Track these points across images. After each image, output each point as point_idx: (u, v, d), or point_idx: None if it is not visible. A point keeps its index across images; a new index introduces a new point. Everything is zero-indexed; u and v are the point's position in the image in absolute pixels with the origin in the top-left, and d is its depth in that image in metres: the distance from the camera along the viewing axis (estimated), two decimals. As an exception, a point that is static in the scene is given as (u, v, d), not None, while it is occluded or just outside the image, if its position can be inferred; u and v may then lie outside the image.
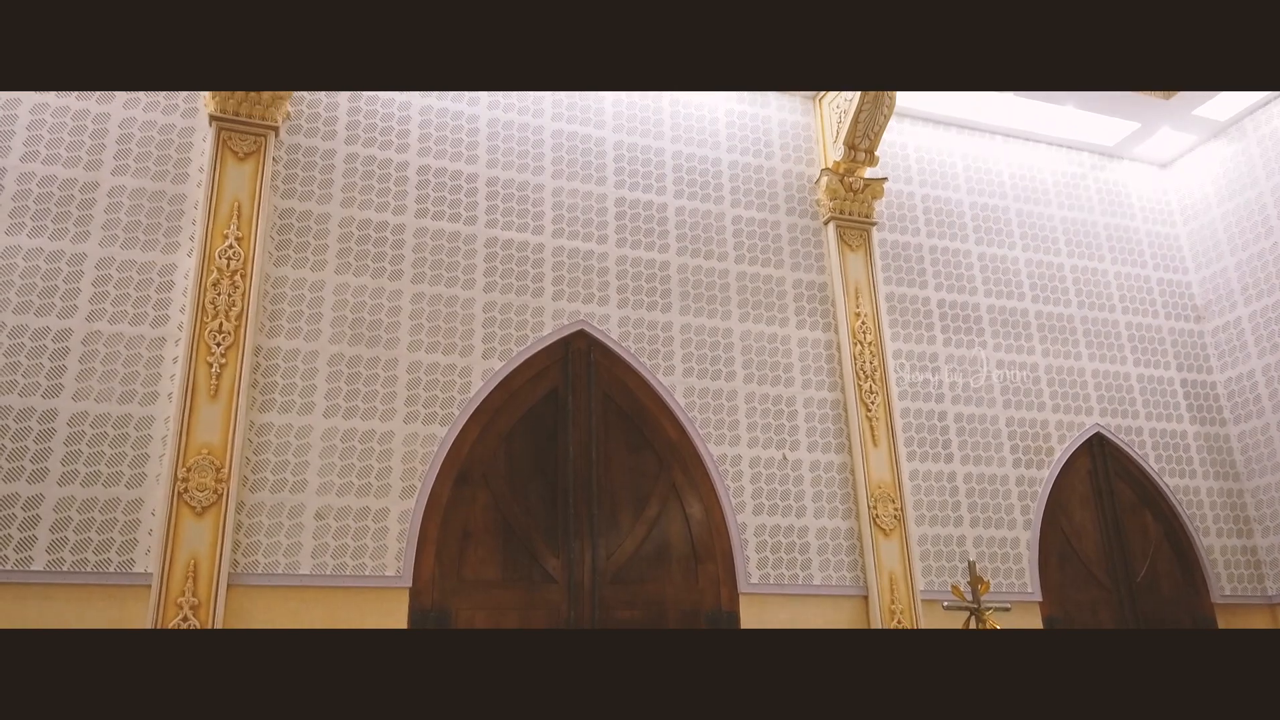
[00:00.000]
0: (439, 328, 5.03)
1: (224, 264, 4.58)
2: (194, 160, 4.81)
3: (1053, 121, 6.96)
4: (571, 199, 5.61)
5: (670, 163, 5.97)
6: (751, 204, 6.08)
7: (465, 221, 5.30)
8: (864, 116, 6.02)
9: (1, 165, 4.47)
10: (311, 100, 5.18)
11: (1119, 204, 7.28)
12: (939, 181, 6.71)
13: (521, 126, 5.64)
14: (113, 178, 4.64)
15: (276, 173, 4.96)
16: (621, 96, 5.97)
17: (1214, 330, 7.05)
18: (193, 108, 4.91)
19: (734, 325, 5.72)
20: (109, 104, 4.76)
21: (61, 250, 4.43)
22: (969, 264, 6.55)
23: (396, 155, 5.28)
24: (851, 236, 6.14)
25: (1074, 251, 6.96)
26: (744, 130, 6.25)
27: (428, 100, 5.46)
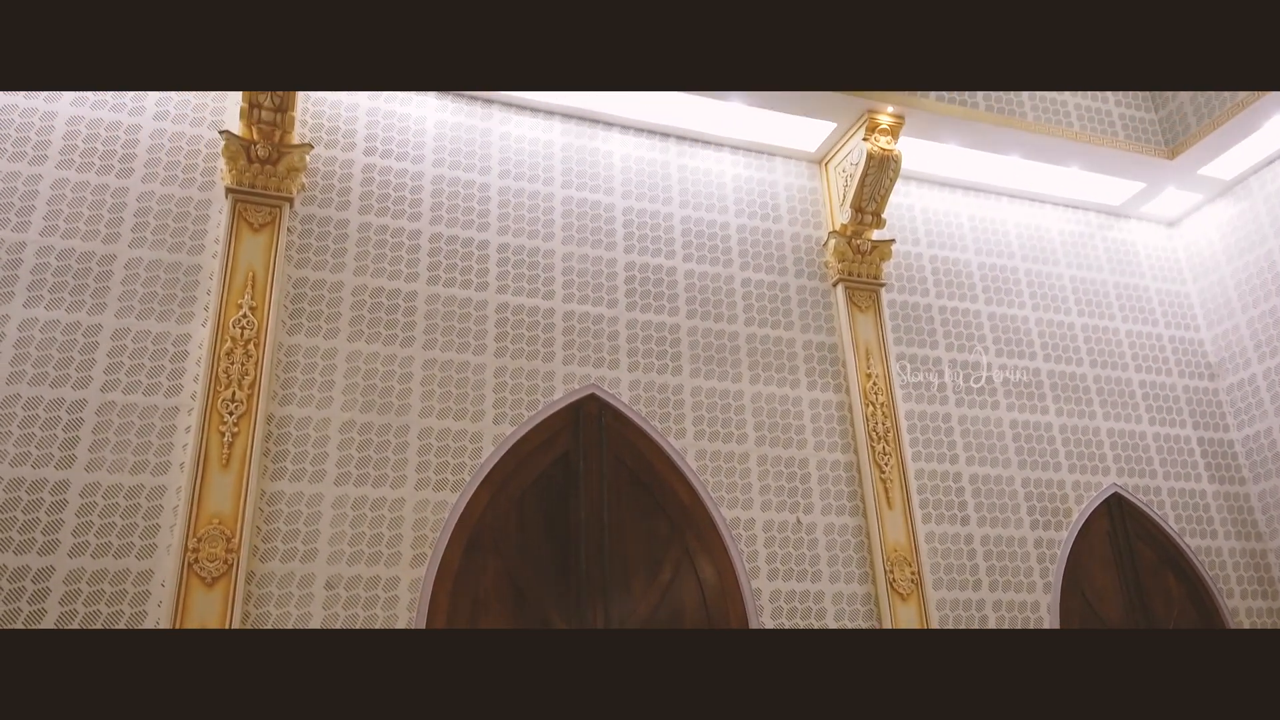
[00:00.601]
0: (450, 393, 5.04)
1: (238, 333, 4.62)
2: (210, 232, 4.88)
3: (1058, 182, 7.02)
4: (581, 264, 5.66)
5: (679, 227, 6.03)
6: (760, 267, 6.12)
7: (476, 288, 5.35)
8: (870, 179, 6.09)
9: (21, 239, 4.55)
10: (326, 171, 5.27)
11: (1128, 262, 7.30)
12: (947, 242, 6.75)
13: (532, 194, 5.72)
14: (130, 250, 4.71)
15: (291, 242, 5.03)
16: (630, 163, 6.06)
17: (1229, 388, 7.00)
18: (210, 181, 5.00)
19: (745, 387, 5.71)
20: (128, 178, 4.86)
21: (78, 322, 4.48)
22: (979, 324, 6.56)
23: (409, 224, 5.35)
24: (860, 298, 6.16)
25: (1084, 310, 6.96)
26: (751, 194, 6.32)
27: (440, 170, 5.55)
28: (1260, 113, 6.29)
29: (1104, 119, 6.87)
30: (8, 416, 4.22)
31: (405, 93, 5.67)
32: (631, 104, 5.99)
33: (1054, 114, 6.71)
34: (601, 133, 6.09)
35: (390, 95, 5.63)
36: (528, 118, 5.92)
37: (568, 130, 6.00)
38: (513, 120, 5.88)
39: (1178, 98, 6.88)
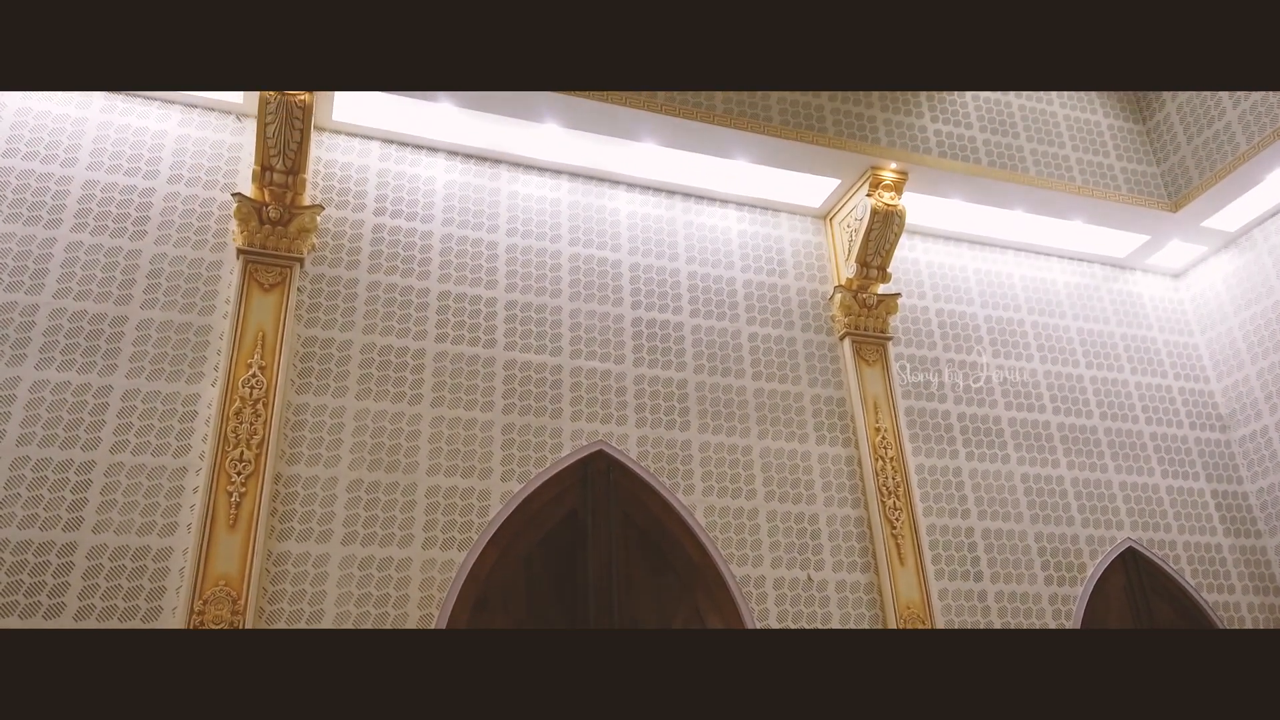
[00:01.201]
0: (458, 450, 5.03)
1: (247, 393, 4.63)
2: (221, 292, 4.93)
3: (1062, 235, 7.06)
4: (589, 320, 5.68)
5: (685, 283, 6.06)
6: (767, 321, 6.13)
7: (484, 345, 5.37)
8: (874, 234, 6.13)
9: (35, 302, 4.59)
10: (336, 232, 5.33)
11: (1134, 314, 7.31)
12: (953, 296, 6.77)
13: (539, 251, 5.77)
14: (142, 311, 4.75)
15: (300, 302, 5.07)
16: (637, 220, 6.12)
17: (1240, 440, 6.95)
18: (221, 242, 5.06)
19: (753, 442, 5.69)
20: (141, 240, 4.92)
21: (89, 383, 4.51)
22: (987, 376, 6.54)
23: (418, 282, 5.39)
24: (868, 351, 6.16)
25: (1092, 363, 6.95)
26: (757, 250, 6.36)
27: (449, 229, 5.61)
28: (1262, 165, 6.34)
29: (1106, 173, 6.93)
30: (16, 479, 4.22)
31: (415, 153, 5.75)
32: (638, 162, 6.08)
33: (1056, 168, 6.77)
34: (608, 190, 6.16)
35: (400, 156, 5.71)
36: (535, 176, 6.00)
37: (575, 188, 6.08)
38: (520, 179, 5.96)
39: (1179, 151, 6.94)
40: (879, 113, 6.41)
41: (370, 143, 5.68)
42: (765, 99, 6.09)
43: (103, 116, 5.14)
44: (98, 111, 5.14)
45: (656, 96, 5.78)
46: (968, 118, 6.70)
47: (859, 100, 6.40)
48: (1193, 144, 6.83)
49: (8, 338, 4.46)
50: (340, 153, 5.58)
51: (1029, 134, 6.85)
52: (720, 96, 5.97)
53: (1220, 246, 7.22)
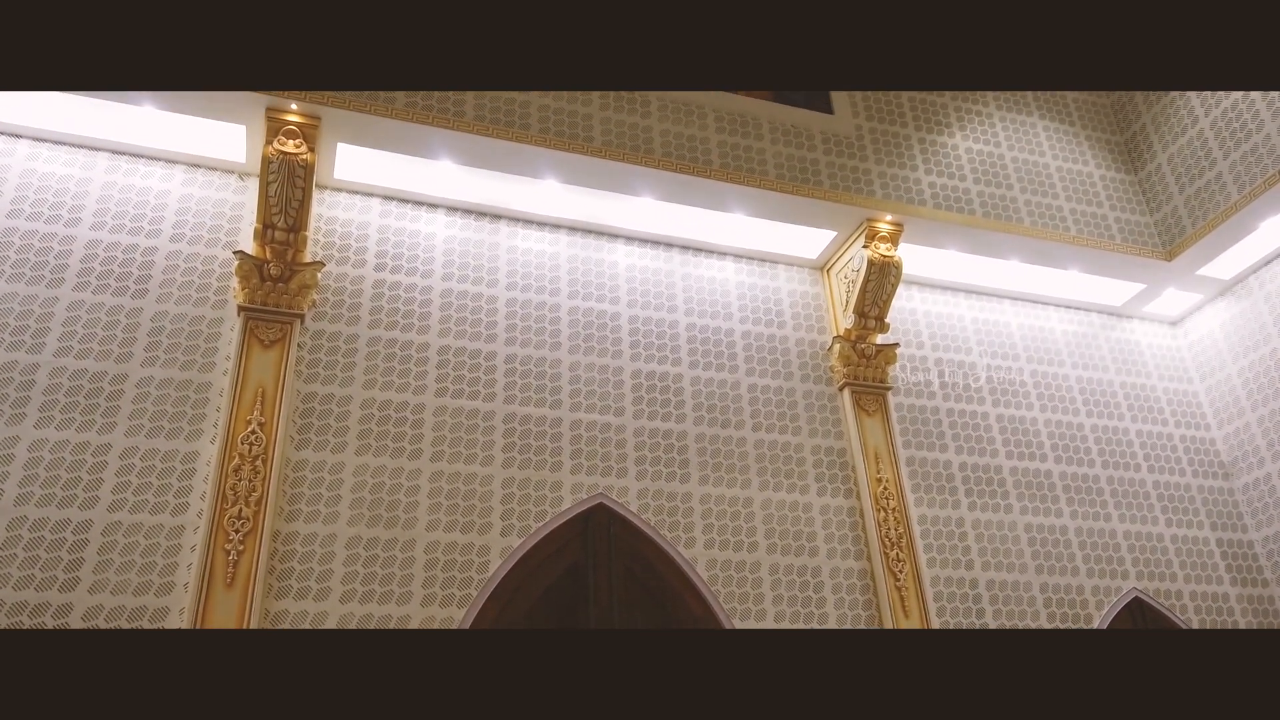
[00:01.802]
0: (457, 505, 5.01)
1: (246, 449, 4.62)
2: (221, 349, 4.94)
3: (1059, 284, 7.11)
4: (588, 373, 5.69)
5: (684, 334, 6.08)
6: (766, 372, 6.14)
7: (484, 399, 5.37)
8: (872, 285, 6.17)
9: (35, 361, 4.61)
10: (337, 288, 5.37)
11: (1133, 362, 7.32)
12: (951, 345, 6.79)
13: (539, 305, 5.80)
14: (142, 369, 4.77)
15: (301, 358, 5.08)
16: (635, 273, 6.17)
17: (1244, 487, 6.92)
18: (222, 299, 5.09)
19: (754, 494, 5.67)
20: (143, 299, 4.95)
21: (87, 442, 4.50)
22: (987, 425, 6.53)
23: (418, 337, 5.41)
24: (867, 402, 6.16)
25: (1092, 411, 6.94)
26: (755, 301, 6.40)
27: (449, 284, 5.65)
28: (1255, 214, 6.40)
29: (1100, 222, 6.99)
30: (13, 539, 4.19)
31: (415, 209, 5.81)
32: (636, 216, 6.14)
33: (1050, 218, 6.84)
34: (607, 244, 6.21)
35: (401, 212, 5.77)
36: (534, 231, 6.06)
37: (574, 242, 6.13)
38: (520, 234, 6.01)
39: (1172, 201, 7.01)
40: (873, 165, 6.49)
41: (371, 199, 5.74)
42: (761, 153, 6.18)
43: (107, 177, 5.20)
44: (102, 172, 5.21)
45: (654, 151, 5.86)
46: (961, 170, 6.78)
47: (853, 153, 6.48)
48: (1184, 194, 6.91)
49: (7, 397, 4.46)
50: (341, 210, 5.64)
51: (1022, 185, 6.93)
52: (716, 151, 6.05)
53: (1216, 294, 7.26)
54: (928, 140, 6.82)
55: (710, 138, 6.10)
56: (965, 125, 7.04)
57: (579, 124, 5.78)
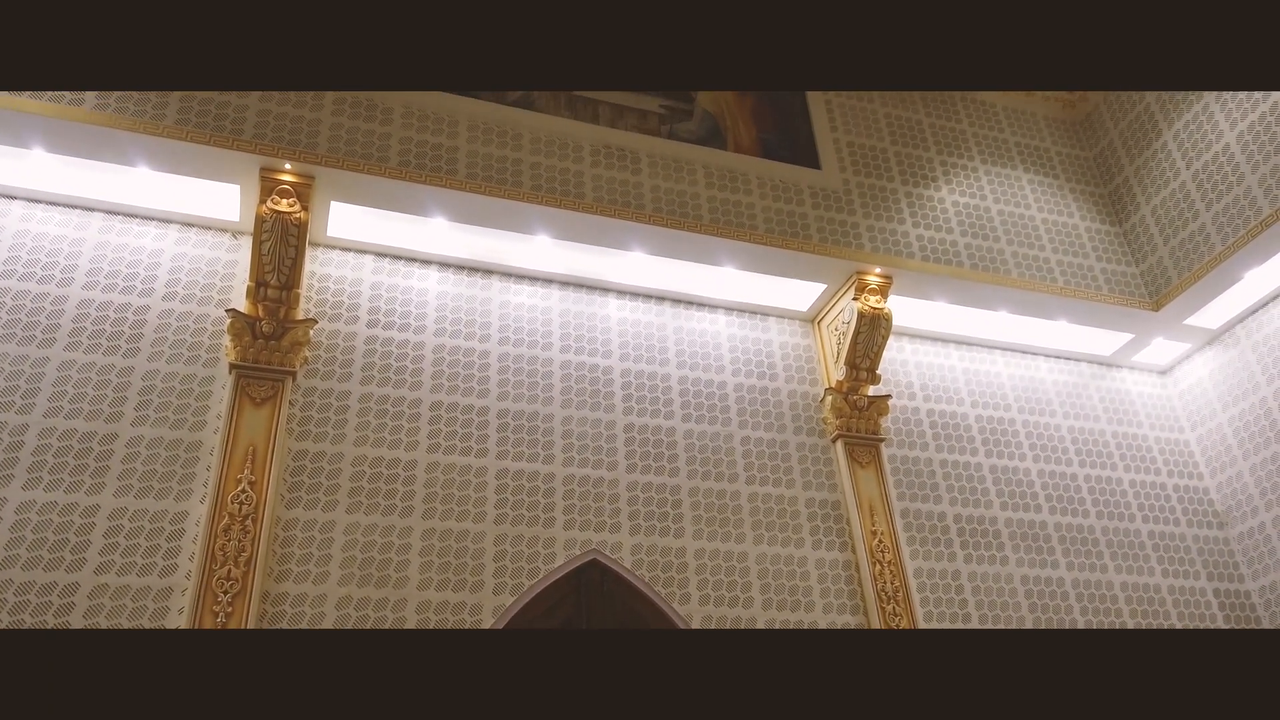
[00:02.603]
0: (449, 564, 4.96)
1: (236, 508, 4.58)
2: (212, 408, 4.93)
3: (1047, 335, 7.15)
4: (581, 427, 5.68)
5: (676, 388, 6.09)
6: (759, 424, 6.14)
7: (476, 454, 5.35)
8: (862, 337, 6.20)
9: (25, 421, 4.58)
10: (329, 345, 5.37)
11: (1124, 411, 7.34)
12: (943, 396, 6.80)
13: (531, 360, 5.81)
14: (132, 428, 4.74)
15: (292, 415, 5.07)
16: (627, 327, 6.19)
17: (1239, 536, 6.90)
18: (214, 358, 5.09)
19: (749, 548, 5.62)
20: (134, 358, 4.95)
21: (76, 503, 4.46)
22: (981, 476, 6.53)
23: (410, 393, 5.41)
24: (860, 453, 6.16)
25: (1085, 461, 6.94)
26: (747, 353, 6.42)
27: (441, 339, 5.66)
28: (1239, 264, 6.47)
29: (1086, 274, 7.07)
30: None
31: (408, 266, 5.84)
32: (627, 270, 6.18)
33: (1037, 270, 6.91)
34: (599, 298, 6.25)
35: (394, 269, 5.80)
36: (526, 286, 6.09)
37: (565, 297, 6.16)
38: (512, 289, 6.04)
39: (1157, 252, 7.10)
40: (861, 219, 6.56)
41: (364, 256, 5.77)
42: (751, 208, 6.25)
43: (101, 237, 5.23)
44: (96, 232, 5.23)
45: (644, 207, 5.93)
46: (948, 222, 6.86)
47: (841, 207, 6.56)
48: (1169, 245, 7.00)
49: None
50: (334, 267, 5.67)
51: (1009, 238, 7.01)
52: (706, 206, 6.12)
53: (1204, 343, 7.32)
54: (914, 194, 6.91)
55: (700, 193, 6.17)
56: (950, 179, 7.15)
57: (570, 180, 5.85)
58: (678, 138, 6.39)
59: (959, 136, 7.46)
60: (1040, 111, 7.97)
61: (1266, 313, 6.90)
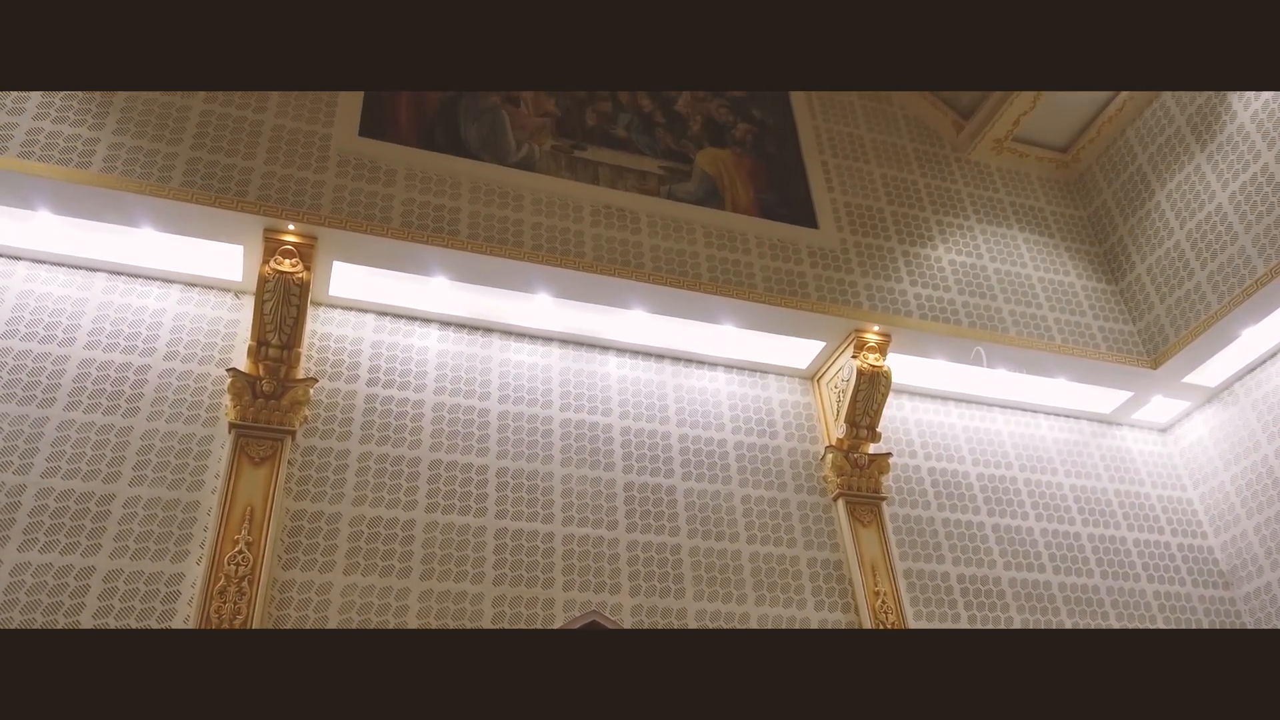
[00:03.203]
0: (448, 625, 4.89)
1: (232, 570, 4.54)
2: (211, 468, 4.91)
3: (1047, 392, 7.16)
4: (580, 485, 5.66)
5: (677, 445, 6.07)
6: (759, 483, 6.11)
7: (475, 514, 5.31)
8: (862, 395, 6.20)
9: (22, 482, 4.56)
10: (329, 403, 5.37)
11: (1125, 470, 7.32)
12: (944, 454, 6.78)
13: (531, 418, 5.80)
14: (130, 489, 4.72)
15: (291, 475, 5.04)
16: (627, 385, 6.19)
17: (1245, 597, 6.82)
18: (214, 417, 5.08)
19: (750, 610, 5.56)
20: (134, 417, 4.94)
21: (71, 565, 4.41)
22: (984, 535, 6.48)
23: (409, 451, 5.39)
24: (862, 512, 6.11)
25: (1089, 520, 6.90)
26: (746, 411, 6.41)
27: (441, 397, 5.66)
28: (1236, 323, 6.51)
29: (1084, 332, 7.10)
30: (-13, 667, 4.07)
31: (409, 324, 5.87)
32: (627, 328, 6.21)
33: (1035, 328, 6.94)
34: (599, 356, 6.26)
35: (395, 327, 5.82)
36: (526, 344, 6.11)
37: (565, 355, 6.17)
38: (512, 347, 6.06)
39: (1154, 310, 7.14)
40: (859, 278, 6.61)
41: (365, 315, 5.80)
42: (749, 267, 6.30)
43: (104, 297, 5.26)
44: (99, 292, 5.26)
45: (644, 266, 5.98)
46: (945, 281, 6.91)
47: (839, 266, 6.61)
48: (1165, 303, 7.04)
49: (-9, 519, 4.40)
50: (335, 326, 5.69)
51: (1005, 296, 7.05)
52: (705, 265, 6.17)
53: (1203, 401, 7.32)
54: (911, 253, 6.97)
55: (699, 252, 6.23)
56: (947, 238, 7.22)
57: (570, 240, 5.91)
58: (676, 198, 6.47)
59: (954, 196, 7.56)
60: (1034, 172, 8.08)
61: (1264, 371, 6.91)
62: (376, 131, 5.87)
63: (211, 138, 5.42)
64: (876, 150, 7.52)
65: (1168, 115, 7.37)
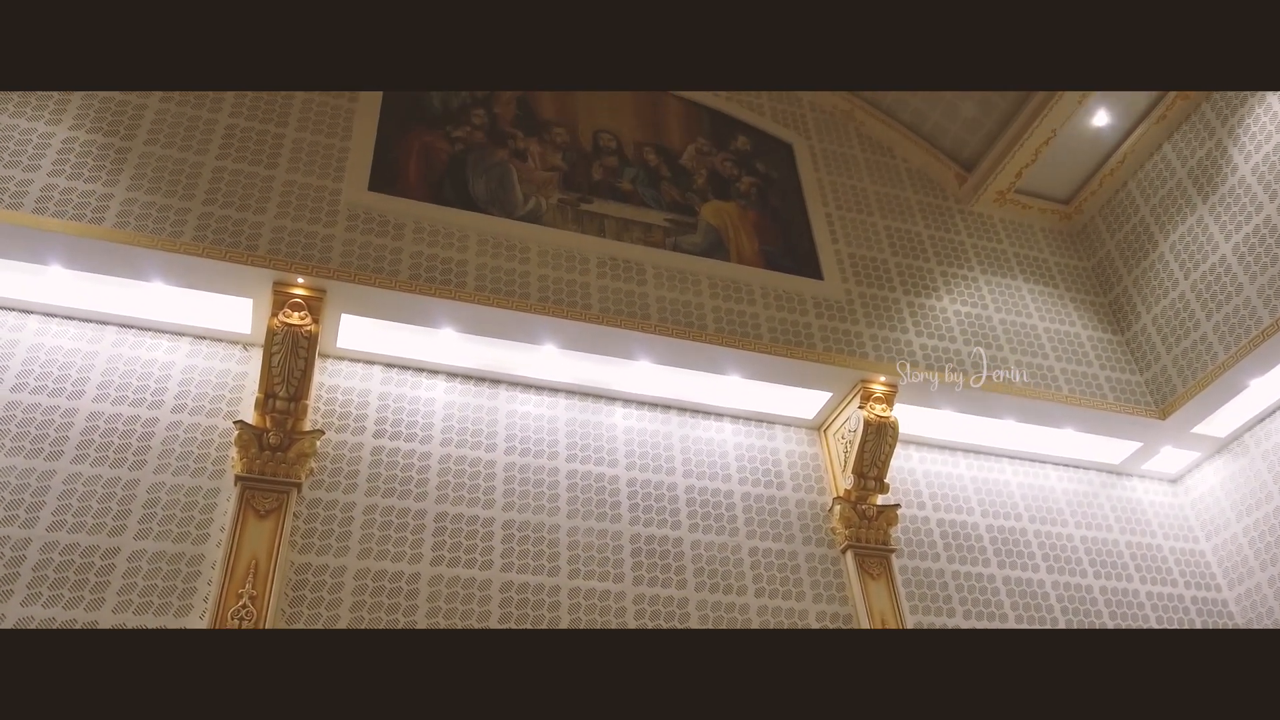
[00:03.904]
0: (451, 682, 4.83)
1: (235, 624, 4.50)
2: (216, 520, 4.89)
3: (1055, 443, 7.12)
4: (587, 538, 5.62)
5: (683, 497, 6.04)
6: (767, 535, 6.07)
7: (481, 566, 5.28)
8: (869, 446, 6.18)
9: (27, 536, 4.55)
10: (335, 455, 5.37)
11: (1136, 521, 7.25)
12: (952, 505, 6.74)
13: (537, 469, 5.79)
14: (135, 542, 4.70)
15: (296, 528, 5.02)
16: (634, 436, 6.18)
17: (1263, 651, 6.70)
18: (220, 469, 5.08)
19: (758, 664, 5.47)
20: (140, 470, 4.94)
21: (75, 619, 4.38)
22: (994, 589, 6.40)
23: (415, 504, 5.37)
24: (871, 564, 6.05)
25: (1100, 572, 6.82)
26: (754, 462, 6.39)
27: (447, 449, 5.65)
28: (1243, 373, 6.49)
29: (1091, 382, 7.09)
30: (-13, 725, 4.02)
31: (416, 376, 5.89)
32: (633, 379, 6.22)
33: (1042, 378, 6.93)
34: (605, 407, 6.26)
35: (401, 379, 5.84)
36: (533, 395, 6.12)
37: (572, 406, 6.18)
38: (519, 398, 6.07)
39: (1160, 360, 7.13)
40: (865, 328, 6.63)
41: (372, 367, 5.83)
42: (755, 318, 6.32)
43: (113, 350, 5.29)
44: (109, 345, 5.30)
45: (650, 317, 6.00)
46: (950, 331, 6.93)
47: (844, 317, 6.63)
48: (1172, 353, 7.04)
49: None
50: (343, 378, 5.71)
51: (1011, 346, 7.06)
52: (711, 316, 6.19)
53: (1213, 451, 7.27)
54: (916, 303, 7.00)
55: (705, 303, 6.26)
56: (952, 289, 7.25)
57: (577, 292, 5.94)
58: (682, 250, 6.52)
59: (958, 247, 7.60)
60: (1037, 223, 8.14)
61: (1274, 421, 6.88)
62: (386, 186, 5.95)
63: (223, 193, 5.50)
64: (880, 202, 7.59)
65: (1169, 168, 7.43)
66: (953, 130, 7.91)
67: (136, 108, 5.70)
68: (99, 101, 5.63)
